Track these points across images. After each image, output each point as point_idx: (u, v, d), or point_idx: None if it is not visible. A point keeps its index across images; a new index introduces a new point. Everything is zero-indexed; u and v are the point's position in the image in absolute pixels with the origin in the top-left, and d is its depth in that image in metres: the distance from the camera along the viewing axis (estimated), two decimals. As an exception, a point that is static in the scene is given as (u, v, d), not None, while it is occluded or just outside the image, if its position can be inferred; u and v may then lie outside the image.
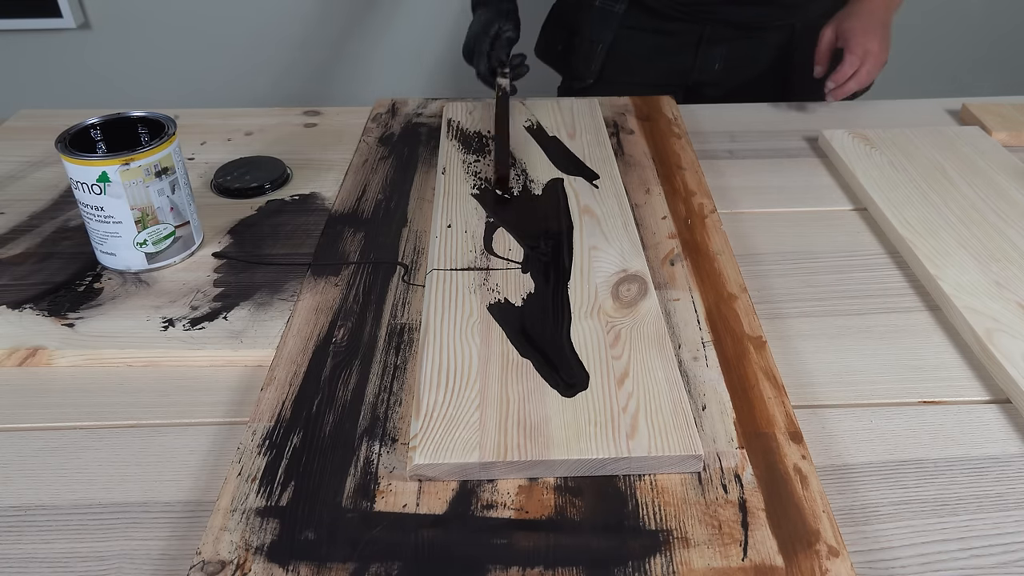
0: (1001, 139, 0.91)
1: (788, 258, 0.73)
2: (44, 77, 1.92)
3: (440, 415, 0.51)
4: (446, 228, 0.70)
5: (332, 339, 0.60)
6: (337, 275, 0.67)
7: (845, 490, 0.50)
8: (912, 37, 1.86)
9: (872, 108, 1.03)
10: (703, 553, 0.44)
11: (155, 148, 0.65)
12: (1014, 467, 0.52)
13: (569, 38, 1.16)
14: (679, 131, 0.91)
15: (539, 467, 0.48)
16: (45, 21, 1.81)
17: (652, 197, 0.78)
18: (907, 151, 0.86)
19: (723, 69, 1.12)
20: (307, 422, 0.53)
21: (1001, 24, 1.92)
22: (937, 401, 0.57)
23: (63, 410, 0.56)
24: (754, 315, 0.62)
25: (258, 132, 0.94)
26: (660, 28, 1.10)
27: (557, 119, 0.91)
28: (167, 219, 0.68)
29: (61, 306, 0.64)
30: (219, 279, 0.68)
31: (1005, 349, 0.58)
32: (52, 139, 0.66)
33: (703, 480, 0.49)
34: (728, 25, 1.08)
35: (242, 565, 0.43)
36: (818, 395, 0.58)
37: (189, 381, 0.59)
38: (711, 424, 0.53)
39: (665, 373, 0.54)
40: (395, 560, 0.44)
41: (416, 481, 0.48)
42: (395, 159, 0.86)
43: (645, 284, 0.63)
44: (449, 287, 0.63)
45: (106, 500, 0.50)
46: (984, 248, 0.70)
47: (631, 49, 1.12)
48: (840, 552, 0.44)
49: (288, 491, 0.48)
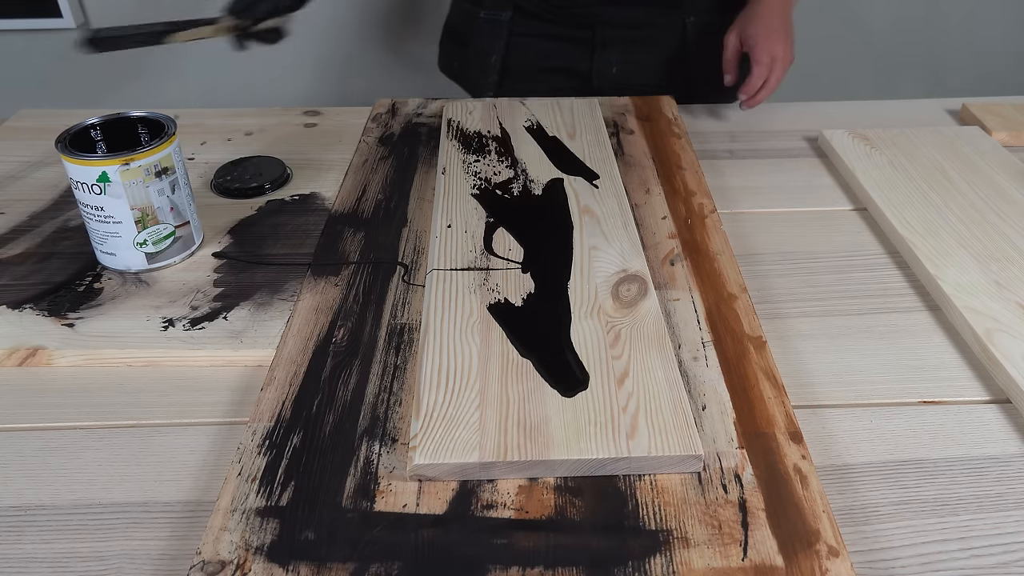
0: (1001, 139, 0.91)
1: (788, 258, 0.73)
2: (44, 77, 1.92)
3: (440, 415, 0.51)
4: (446, 228, 0.70)
5: (332, 339, 0.60)
6: (337, 275, 0.67)
7: (845, 490, 0.50)
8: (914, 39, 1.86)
9: (872, 108, 1.03)
10: (703, 553, 0.44)
11: (155, 148, 0.65)
12: (1014, 467, 0.52)
13: (463, 52, 1.13)
14: (679, 131, 0.91)
15: (539, 467, 0.48)
16: (45, 21, 1.81)
17: (652, 197, 0.78)
18: (907, 151, 0.86)
19: (621, 72, 1.08)
20: (307, 422, 0.53)
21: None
22: (937, 401, 0.57)
23: (63, 410, 0.56)
24: (754, 315, 0.62)
25: (258, 132, 0.94)
26: (550, 33, 1.08)
27: (557, 119, 0.91)
28: (167, 219, 0.68)
29: (61, 306, 0.64)
30: (219, 279, 0.68)
31: (1005, 349, 0.58)
32: (52, 139, 0.66)
33: (703, 480, 0.49)
34: (616, 27, 1.06)
35: (242, 565, 0.43)
36: (818, 395, 0.58)
37: (189, 381, 0.59)
38: (711, 424, 0.53)
39: (665, 373, 0.54)
40: (395, 560, 0.44)
41: (416, 481, 0.48)
42: (395, 159, 0.86)
43: (645, 284, 0.63)
44: (449, 287, 0.63)
45: (106, 500, 0.50)
46: (984, 248, 0.70)
47: (525, 57, 1.09)
48: (840, 552, 0.44)
49: (288, 491, 0.48)
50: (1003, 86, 1.94)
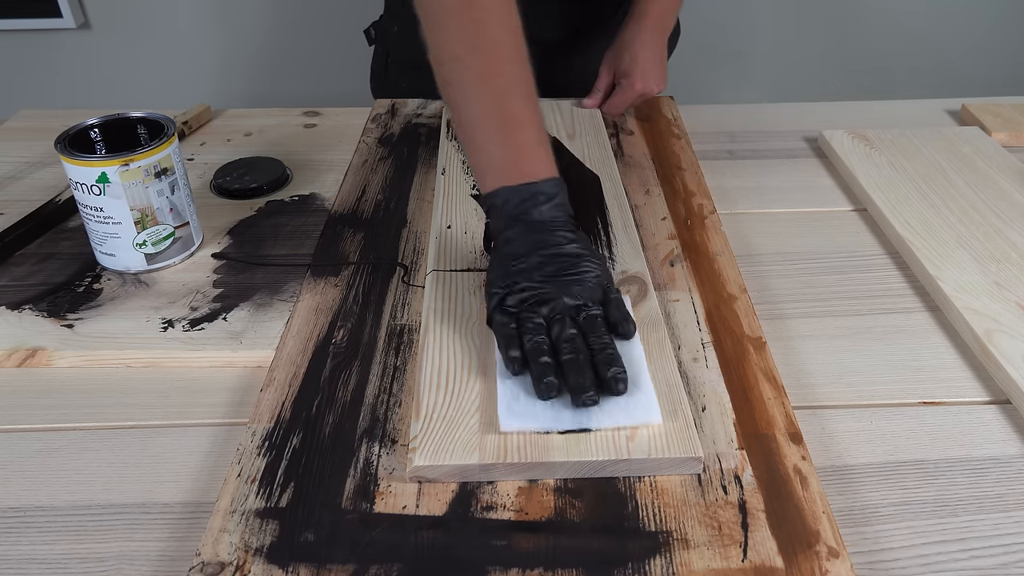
0: (1001, 139, 0.91)
1: (788, 258, 0.73)
2: (44, 77, 1.92)
3: (440, 416, 0.51)
4: (446, 229, 0.70)
5: (332, 340, 0.60)
6: (337, 276, 0.67)
7: (845, 491, 0.50)
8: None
9: (872, 108, 1.03)
10: (703, 554, 0.44)
11: (155, 149, 0.65)
12: (1014, 468, 0.52)
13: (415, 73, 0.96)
14: (679, 132, 0.91)
15: (539, 469, 0.48)
16: (45, 21, 1.81)
17: (652, 198, 0.78)
18: (907, 151, 0.86)
19: (584, 69, 0.99)
20: (307, 423, 0.53)
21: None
22: (937, 402, 0.57)
23: (63, 411, 0.56)
24: (754, 316, 0.62)
25: (258, 133, 0.94)
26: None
27: (557, 120, 0.91)
28: (166, 220, 0.68)
29: (60, 307, 0.64)
30: (219, 280, 0.68)
31: (1005, 350, 0.58)
32: (52, 139, 0.66)
33: (703, 481, 0.49)
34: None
35: (241, 566, 0.43)
36: (818, 396, 0.58)
37: (189, 382, 0.59)
38: (711, 425, 0.52)
39: (665, 374, 0.54)
40: (395, 562, 0.43)
41: (416, 482, 0.48)
42: (395, 160, 0.86)
43: (645, 285, 0.63)
44: (449, 288, 0.63)
45: (105, 501, 0.49)
46: (984, 248, 0.70)
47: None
48: (840, 553, 0.44)
49: (288, 492, 0.48)
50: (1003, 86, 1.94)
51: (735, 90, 1.99)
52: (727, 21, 1.88)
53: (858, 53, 1.95)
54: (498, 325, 0.55)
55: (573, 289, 0.55)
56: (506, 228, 0.59)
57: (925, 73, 1.97)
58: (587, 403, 0.50)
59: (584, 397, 0.50)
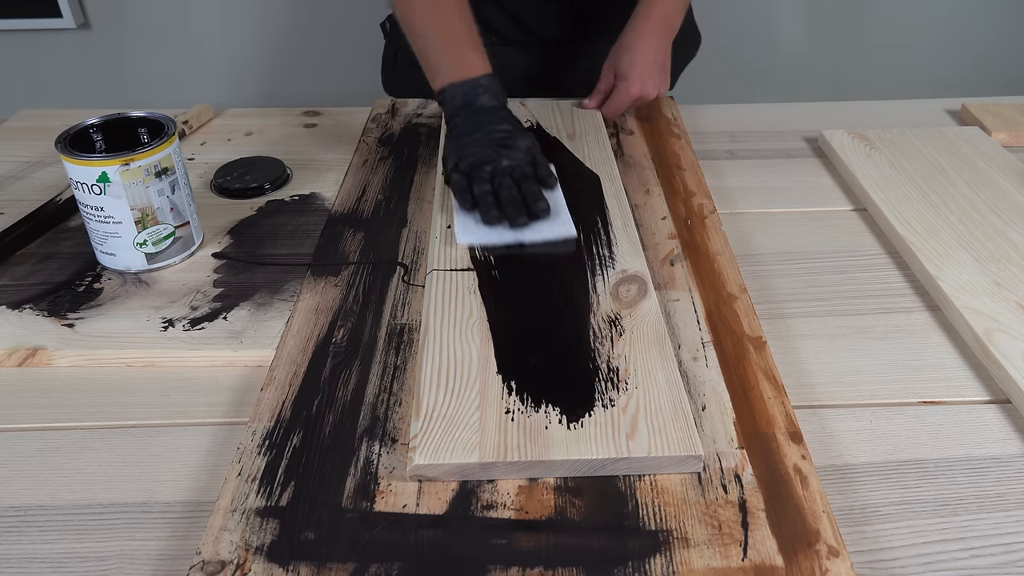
0: (1001, 139, 0.91)
1: (788, 258, 0.73)
2: (44, 77, 1.92)
3: (440, 415, 0.51)
4: (446, 228, 0.70)
5: (332, 339, 0.60)
6: (337, 275, 0.67)
7: (845, 490, 0.50)
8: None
9: (872, 108, 1.03)
10: (703, 553, 0.44)
11: (155, 148, 0.65)
12: (1014, 467, 0.52)
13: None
14: (679, 131, 0.91)
15: (539, 467, 0.48)
16: (45, 21, 1.81)
17: (652, 198, 0.78)
18: (907, 151, 0.86)
19: (591, 69, 0.98)
20: (307, 422, 0.53)
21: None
22: (937, 401, 0.57)
23: (63, 410, 0.56)
24: (754, 315, 0.62)
25: (258, 132, 0.94)
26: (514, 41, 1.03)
27: (557, 120, 0.91)
28: (167, 219, 0.68)
29: (61, 306, 0.64)
30: (219, 279, 0.68)
31: (1005, 349, 0.58)
32: (52, 139, 0.66)
33: (703, 480, 0.49)
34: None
35: (242, 565, 0.43)
36: (818, 395, 0.58)
37: (189, 381, 0.59)
38: (711, 424, 0.52)
39: (665, 373, 0.54)
40: (395, 560, 0.44)
41: (416, 481, 0.48)
42: (395, 159, 0.86)
43: (645, 285, 0.63)
44: (449, 287, 0.63)
45: (106, 500, 0.50)
46: (984, 248, 0.70)
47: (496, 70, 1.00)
48: (840, 552, 0.44)
49: (288, 491, 0.48)
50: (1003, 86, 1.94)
51: (739, 92, 1.99)
52: (727, 23, 1.88)
53: (858, 53, 1.95)
54: (455, 181, 0.72)
55: (509, 154, 0.73)
56: (455, 115, 0.78)
57: (925, 73, 1.97)
58: (519, 224, 0.67)
59: (518, 220, 0.67)
